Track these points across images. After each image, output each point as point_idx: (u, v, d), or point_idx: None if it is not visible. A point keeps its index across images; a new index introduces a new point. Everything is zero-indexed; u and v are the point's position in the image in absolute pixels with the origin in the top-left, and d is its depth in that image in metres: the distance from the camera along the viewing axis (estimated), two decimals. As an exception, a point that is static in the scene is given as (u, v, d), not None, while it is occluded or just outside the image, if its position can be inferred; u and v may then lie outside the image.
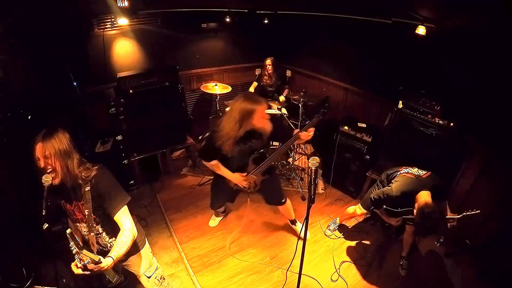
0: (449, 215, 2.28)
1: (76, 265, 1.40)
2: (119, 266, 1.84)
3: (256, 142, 2.28)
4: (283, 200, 2.73)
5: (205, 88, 3.81)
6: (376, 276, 2.62)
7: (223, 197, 2.78)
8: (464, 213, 2.16)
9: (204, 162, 2.39)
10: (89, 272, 1.39)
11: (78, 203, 1.56)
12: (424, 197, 2.10)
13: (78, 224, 1.64)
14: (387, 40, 3.26)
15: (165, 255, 2.73)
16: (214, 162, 2.33)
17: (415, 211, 2.11)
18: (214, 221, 3.11)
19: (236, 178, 2.42)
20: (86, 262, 1.38)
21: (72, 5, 2.76)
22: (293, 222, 3.00)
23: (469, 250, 2.71)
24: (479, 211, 2.12)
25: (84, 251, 1.38)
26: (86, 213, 1.55)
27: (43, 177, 1.42)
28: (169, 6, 3.61)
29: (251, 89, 4.38)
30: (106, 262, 1.41)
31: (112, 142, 3.14)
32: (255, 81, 4.40)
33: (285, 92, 4.43)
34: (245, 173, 2.44)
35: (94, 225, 1.61)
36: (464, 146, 2.76)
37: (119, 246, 1.49)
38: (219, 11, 3.86)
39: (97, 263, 1.38)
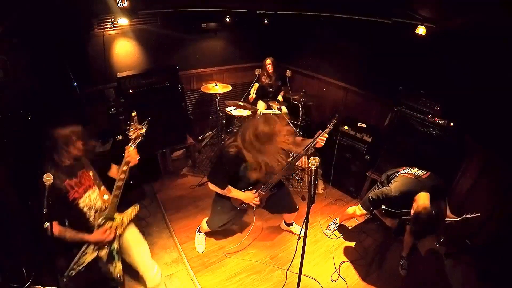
0: (449, 217, 2.28)
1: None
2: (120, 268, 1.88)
3: None
4: (297, 206, 2.65)
5: (205, 89, 3.81)
6: (376, 276, 2.62)
7: (227, 216, 2.49)
8: (464, 216, 2.16)
9: (215, 188, 2.20)
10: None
11: (83, 172, 1.81)
12: (422, 199, 2.09)
13: (88, 192, 1.81)
14: (387, 40, 3.26)
15: (165, 255, 2.73)
16: (227, 186, 2.17)
17: (412, 211, 2.10)
18: (201, 244, 2.81)
19: (248, 197, 2.27)
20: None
21: (72, 5, 2.76)
22: (290, 224, 2.99)
23: (469, 250, 2.71)
24: (479, 214, 2.12)
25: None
26: (91, 174, 1.83)
27: (44, 176, 1.45)
28: (169, 6, 3.61)
29: (253, 91, 4.37)
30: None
31: (112, 142, 3.13)
32: (255, 81, 4.40)
33: (284, 91, 4.44)
34: (255, 190, 2.30)
35: (101, 184, 1.87)
36: (464, 146, 2.76)
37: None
38: (219, 11, 3.86)
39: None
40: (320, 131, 2.20)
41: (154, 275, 2.10)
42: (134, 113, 1.85)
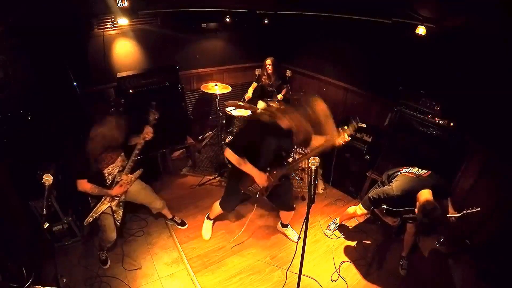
0: (451, 213, 2.28)
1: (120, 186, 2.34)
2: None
3: (287, 142, 2.17)
4: (294, 206, 2.65)
5: (205, 88, 3.81)
6: (376, 276, 2.62)
7: (236, 199, 2.57)
8: (465, 211, 2.16)
9: (231, 155, 2.14)
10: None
11: (114, 151, 2.33)
12: (425, 195, 2.11)
13: (112, 164, 2.34)
14: (387, 40, 3.26)
15: (165, 255, 2.73)
16: (244, 158, 2.17)
17: (416, 209, 2.11)
18: (208, 231, 2.95)
19: (260, 176, 2.24)
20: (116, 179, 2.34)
21: (72, 5, 2.76)
22: (285, 225, 2.97)
23: (469, 250, 2.71)
24: (479, 208, 2.11)
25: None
26: (118, 152, 2.40)
27: (43, 177, 1.45)
28: (169, 6, 3.61)
29: (251, 90, 4.37)
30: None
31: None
32: (255, 81, 4.40)
33: (283, 91, 4.43)
34: (268, 174, 2.29)
35: (122, 156, 2.44)
36: (464, 146, 2.76)
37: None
38: (219, 11, 3.86)
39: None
40: (340, 129, 2.26)
41: (159, 204, 2.75)
42: (153, 103, 2.53)
